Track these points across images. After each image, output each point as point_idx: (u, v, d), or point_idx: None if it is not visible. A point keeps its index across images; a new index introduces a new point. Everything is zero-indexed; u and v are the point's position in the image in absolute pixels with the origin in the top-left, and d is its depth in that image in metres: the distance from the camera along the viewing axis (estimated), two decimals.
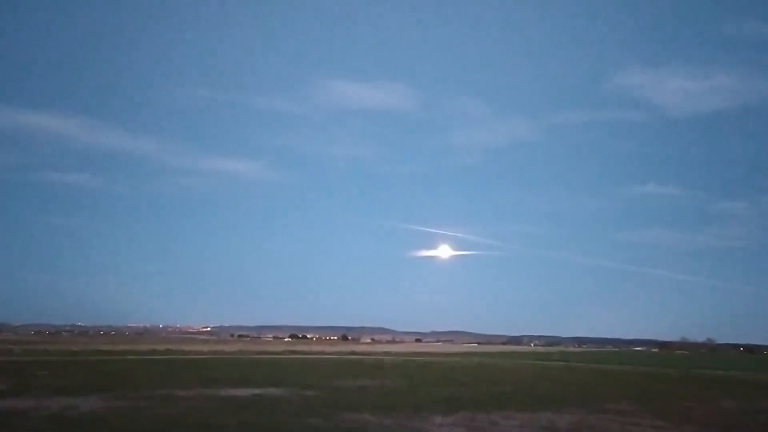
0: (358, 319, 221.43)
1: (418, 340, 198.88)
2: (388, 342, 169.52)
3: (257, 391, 20.56)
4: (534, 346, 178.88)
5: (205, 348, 68.68)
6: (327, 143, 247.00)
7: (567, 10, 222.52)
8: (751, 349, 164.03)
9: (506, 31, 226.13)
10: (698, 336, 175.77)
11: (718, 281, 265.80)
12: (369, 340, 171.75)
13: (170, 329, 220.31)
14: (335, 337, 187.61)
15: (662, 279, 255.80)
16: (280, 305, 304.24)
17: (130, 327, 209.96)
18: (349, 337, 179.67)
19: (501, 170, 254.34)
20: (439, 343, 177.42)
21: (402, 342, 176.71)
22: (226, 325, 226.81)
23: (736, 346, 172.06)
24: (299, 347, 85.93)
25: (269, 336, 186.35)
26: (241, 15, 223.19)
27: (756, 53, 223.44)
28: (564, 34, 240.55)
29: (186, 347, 67.85)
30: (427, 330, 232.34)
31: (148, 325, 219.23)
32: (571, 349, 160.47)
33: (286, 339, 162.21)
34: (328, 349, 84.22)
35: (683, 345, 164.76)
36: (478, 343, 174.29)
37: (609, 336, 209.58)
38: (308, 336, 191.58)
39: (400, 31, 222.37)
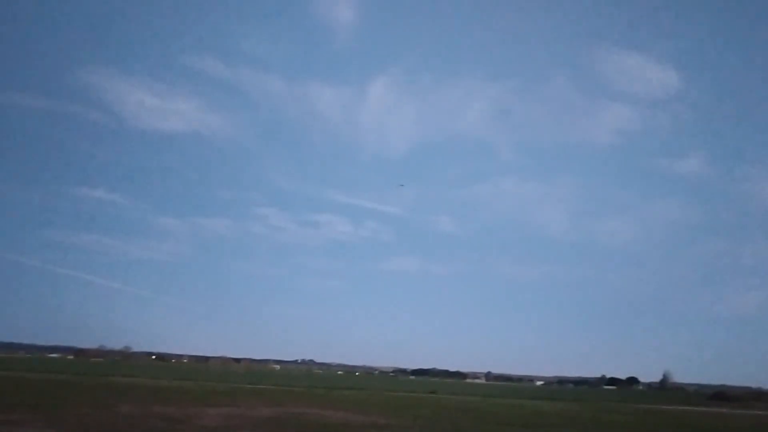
0: None
1: None
2: None
3: None
4: None
5: None
6: None
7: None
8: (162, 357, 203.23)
9: None
10: (116, 344, 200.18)
11: (151, 292, 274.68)
12: None
13: None
14: None
15: (96, 285, 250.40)
16: None
17: None
18: None
19: None
20: None
21: None
22: None
23: (150, 354, 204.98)
24: None
25: None
26: None
27: (212, 88, 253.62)
28: (39, 14, 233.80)
29: None
30: None
31: None
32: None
33: None
34: None
35: (99, 352, 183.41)
36: None
37: (24, 341, 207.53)
38: None
39: None
